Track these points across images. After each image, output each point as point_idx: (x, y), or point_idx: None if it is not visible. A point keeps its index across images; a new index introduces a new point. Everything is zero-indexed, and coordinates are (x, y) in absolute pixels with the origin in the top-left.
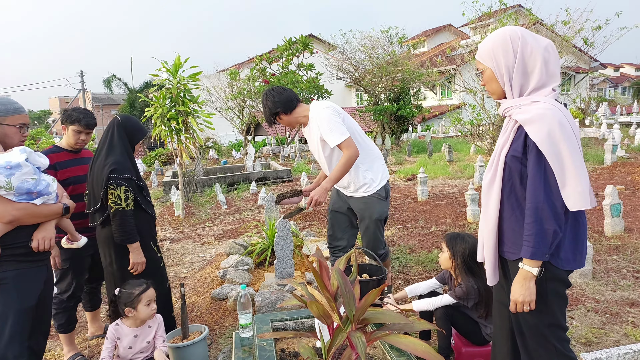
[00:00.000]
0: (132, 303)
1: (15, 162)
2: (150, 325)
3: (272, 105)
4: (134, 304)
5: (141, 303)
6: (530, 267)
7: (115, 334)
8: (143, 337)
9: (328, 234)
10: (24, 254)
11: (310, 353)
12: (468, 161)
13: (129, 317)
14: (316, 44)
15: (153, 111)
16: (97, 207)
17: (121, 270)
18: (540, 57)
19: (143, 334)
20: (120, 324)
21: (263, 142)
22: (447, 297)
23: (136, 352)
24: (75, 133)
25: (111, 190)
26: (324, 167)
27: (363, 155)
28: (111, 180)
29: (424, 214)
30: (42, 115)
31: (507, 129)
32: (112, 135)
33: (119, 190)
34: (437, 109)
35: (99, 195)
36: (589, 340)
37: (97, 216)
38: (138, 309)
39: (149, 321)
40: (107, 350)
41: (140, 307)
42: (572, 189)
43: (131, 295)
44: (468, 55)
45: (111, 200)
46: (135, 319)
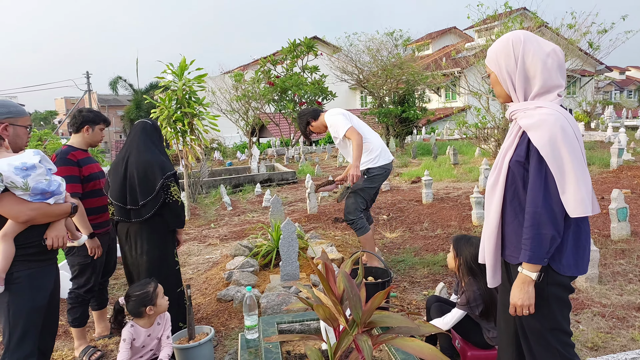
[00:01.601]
0: (151, 300)
1: (31, 163)
2: (159, 322)
3: (304, 115)
4: (153, 300)
5: (159, 297)
6: (528, 271)
7: (132, 335)
8: (154, 335)
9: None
10: (36, 253)
11: (317, 356)
12: (473, 164)
13: (145, 316)
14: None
15: (159, 113)
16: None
17: (150, 262)
18: (541, 63)
19: (154, 331)
20: (135, 325)
21: (268, 143)
22: (456, 311)
23: (147, 350)
24: (100, 131)
25: (172, 186)
26: (347, 156)
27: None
28: (169, 177)
29: (429, 216)
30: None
31: (512, 133)
32: (147, 136)
33: (174, 184)
34: (441, 112)
35: (151, 190)
36: (595, 344)
37: (146, 210)
38: (157, 304)
39: (158, 318)
40: (125, 352)
41: (159, 301)
42: (572, 195)
43: (148, 294)
44: (473, 58)
45: (174, 192)
46: (150, 317)
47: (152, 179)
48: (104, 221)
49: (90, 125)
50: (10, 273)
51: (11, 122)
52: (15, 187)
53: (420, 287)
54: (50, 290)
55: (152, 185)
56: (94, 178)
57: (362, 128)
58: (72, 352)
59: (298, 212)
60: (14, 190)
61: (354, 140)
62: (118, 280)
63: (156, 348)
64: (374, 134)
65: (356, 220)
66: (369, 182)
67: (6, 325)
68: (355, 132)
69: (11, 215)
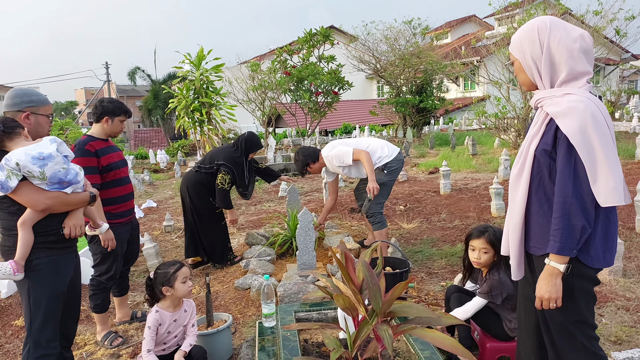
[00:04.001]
0: (168, 282)
1: (48, 152)
2: (186, 310)
3: (304, 158)
4: (171, 282)
5: (177, 280)
6: (556, 263)
7: (157, 321)
8: (180, 321)
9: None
10: (55, 241)
11: (336, 344)
12: (492, 154)
13: (167, 299)
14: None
15: (177, 103)
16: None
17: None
18: (568, 49)
19: (180, 318)
20: (160, 310)
21: (284, 133)
22: (477, 299)
23: (172, 336)
24: (120, 122)
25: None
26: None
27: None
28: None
29: (447, 207)
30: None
31: (537, 121)
32: (239, 141)
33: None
34: (460, 102)
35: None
36: (619, 338)
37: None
38: (175, 287)
39: (184, 305)
40: (150, 339)
41: (177, 284)
42: (604, 184)
43: (167, 274)
44: (493, 46)
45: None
46: (173, 299)
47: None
48: (127, 210)
49: (110, 116)
50: (30, 260)
51: (33, 111)
52: (33, 176)
53: (437, 278)
54: (70, 277)
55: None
56: (114, 168)
57: (359, 143)
58: (94, 336)
59: (314, 202)
60: (31, 179)
61: (362, 158)
62: (138, 267)
63: (180, 336)
64: (368, 140)
65: (376, 215)
66: (389, 176)
67: (27, 311)
68: (360, 151)
69: (29, 203)
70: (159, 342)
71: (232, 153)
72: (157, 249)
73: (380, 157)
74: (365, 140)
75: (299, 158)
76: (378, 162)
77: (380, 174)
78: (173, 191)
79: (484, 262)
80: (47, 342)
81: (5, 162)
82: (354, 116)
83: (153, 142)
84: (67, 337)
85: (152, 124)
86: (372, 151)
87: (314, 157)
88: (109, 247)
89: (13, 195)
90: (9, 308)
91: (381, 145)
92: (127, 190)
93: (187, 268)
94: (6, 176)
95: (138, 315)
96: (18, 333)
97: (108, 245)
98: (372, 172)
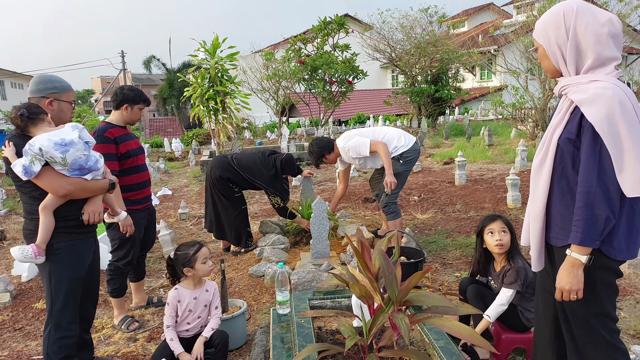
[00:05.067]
0: (189, 263)
1: (69, 139)
2: (207, 289)
3: (319, 149)
4: (192, 263)
5: (198, 261)
6: (578, 254)
7: (176, 297)
8: (201, 300)
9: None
10: (75, 226)
11: (351, 332)
12: (509, 145)
13: (188, 278)
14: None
15: (192, 91)
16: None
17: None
18: (595, 34)
19: (201, 296)
20: (179, 287)
21: (297, 123)
22: (506, 291)
23: (195, 316)
24: (139, 110)
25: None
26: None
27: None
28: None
29: (462, 198)
30: (85, 95)
31: (561, 109)
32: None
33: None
34: (476, 91)
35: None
36: (638, 332)
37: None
38: (196, 268)
39: (206, 285)
40: (170, 316)
41: (197, 265)
42: (631, 174)
43: (187, 255)
44: (511, 34)
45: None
46: (194, 278)
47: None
48: (144, 197)
49: (130, 104)
50: (51, 244)
51: (56, 97)
52: (55, 162)
53: (452, 269)
54: (90, 262)
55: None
56: (132, 155)
57: (375, 133)
58: (111, 320)
59: (327, 191)
60: (53, 165)
61: (380, 150)
62: (154, 254)
63: (204, 317)
64: (385, 129)
65: (390, 205)
66: (405, 166)
67: (48, 293)
68: (377, 143)
69: (51, 188)
70: (182, 321)
71: (268, 172)
72: (172, 236)
73: (396, 146)
74: (381, 130)
75: (314, 150)
76: (394, 151)
77: (396, 164)
78: (188, 179)
79: (506, 243)
80: (68, 325)
81: (29, 147)
82: (368, 106)
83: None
84: (86, 320)
85: (167, 113)
86: (389, 141)
87: (329, 148)
88: (128, 232)
89: (36, 180)
90: (29, 291)
91: (397, 134)
92: (145, 177)
93: (207, 249)
94: (30, 161)
95: (154, 300)
96: (39, 315)
97: (127, 231)
98: (389, 166)
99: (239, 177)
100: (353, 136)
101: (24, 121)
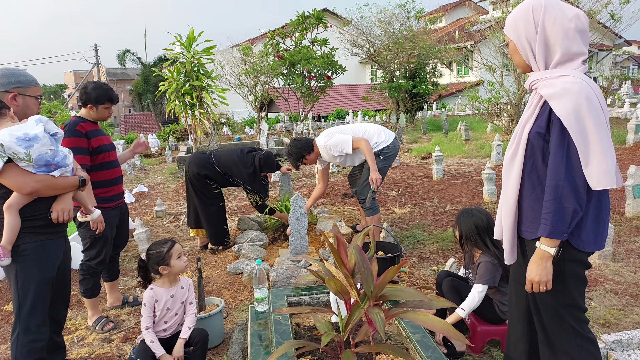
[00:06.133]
0: (164, 260)
1: (33, 133)
2: (182, 286)
3: (298, 150)
4: (166, 260)
5: (172, 258)
6: (547, 246)
7: (153, 297)
8: (178, 297)
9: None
10: (43, 225)
11: (328, 328)
12: (484, 140)
13: (163, 277)
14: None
15: (167, 86)
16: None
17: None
18: (563, 29)
19: (178, 293)
20: (154, 287)
21: (276, 118)
22: (477, 286)
23: (172, 314)
24: (105, 110)
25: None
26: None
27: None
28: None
29: (439, 192)
30: (58, 90)
31: (531, 103)
32: (254, 158)
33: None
34: (453, 87)
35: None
36: (607, 321)
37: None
38: (171, 264)
39: (181, 282)
40: (147, 317)
41: (172, 261)
42: (596, 167)
43: (161, 253)
44: (487, 30)
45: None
46: (169, 276)
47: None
48: (116, 194)
49: (94, 104)
50: (17, 245)
51: (20, 92)
52: (18, 157)
53: (429, 263)
54: (59, 262)
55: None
56: (104, 150)
57: (355, 130)
58: (85, 321)
59: (307, 187)
60: (17, 161)
61: (362, 147)
62: (129, 252)
63: (181, 314)
64: (364, 125)
65: (369, 200)
66: (385, 162)
67: (16, 296)
68: (359, 140)
69: (15, 186)
70: (159, 321)
71: (246, 170)
72: (148, 234)
73: (377, 142)
74: (360, 127)
75: (293, 151)
76: (375, 147)
77: (376, 160)
78: (164, 176)
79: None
80: (37, 327)
81: None
82: (347, 101)
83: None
84: (57, 322)
85: (143, 108)
86: (369, 137)
87: (309, 148)
88: (98, 230)
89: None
90: None
91: (377, 130)
92: (116, 174)
93: (179, 245)
94: None
95: (129, 300)
96: (8, 318)
97: (97, 228)
98: (373, 162)
99: (217, 175)
100: (334, 134)
101: None
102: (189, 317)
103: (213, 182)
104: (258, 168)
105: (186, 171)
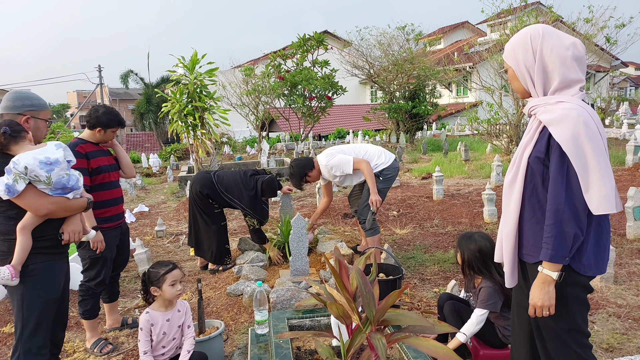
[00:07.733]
0: (157, 282)
1: (54, 157)
2: (179, 309)
3: (300, 169)
4: (159, 283)
5: (166, 282)
6: (549, 270)
7: (149, 321)
8: (174, 322)
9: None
10: (51, 246)
11: (329, 353)
12: (484, 160)
13: (157, 299)
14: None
15: (170, 107)
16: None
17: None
18: (560, 57)
19: (174, 317)
20: (150, 311)
21: (277, 138)
22: (478, 310)
23: (169, 338)
24: (112, 133)
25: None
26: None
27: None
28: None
29: (440, 213)
30: (61, 109)
31: (531, 128)
32: (257, 182)
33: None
34: (452, 107)
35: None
36: (610, 345)
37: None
38: (163, 289)
39: (178, 305)
40: (145, 341)
41: (165, 286)
42: (596, 192)
43: (157, 275)
44: (485, 52)
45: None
46: (162, 300)
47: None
48: (116, 214)
49: (103, 128)
50: (26, 265)
51: (33, 115)
52: (39, 180)
53: (430, 285)
54: (63, 283)
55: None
56: (103, 171)
57: (357, 151)
58: (83, 343)
59: (307, 207)
60: (36, 183)
61: (363, 168)
62: (129, 273)
63: (179, 338)
64: (365, 146)
65: (369, 221)
66: (385, 183)
67: (19, 316)
68: (360, 161)
69: (32, 208)
70: (157, 345)
71: (248, 193)
72: (148, 254)
73: (377, 164)
74: (361, 147)
75: (295, 171)
76: (375, 168)
77: (376, 181)
78: (165, 196)
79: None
80: (38, 349)
81: (13, 166)
82: (347, 121)
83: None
84: (55, 344)
85: (145, 128)
86: (370, 158)
87: (310, 165)
88: (98, 249)
89: (17, 199)
90: None
91: (378, 152)
92: (117, 194)
93: (179, 271)
94: (13, 180)
95: (129, 321)
96: (6, 340)
97: (97, 248)
98: (374, 185)
99: (218, 196)
100: (335, 154)
101: (7, 139)
102: (188, 341)
103: (214, 202)
104: (260, 191)
105: (190, 189)
